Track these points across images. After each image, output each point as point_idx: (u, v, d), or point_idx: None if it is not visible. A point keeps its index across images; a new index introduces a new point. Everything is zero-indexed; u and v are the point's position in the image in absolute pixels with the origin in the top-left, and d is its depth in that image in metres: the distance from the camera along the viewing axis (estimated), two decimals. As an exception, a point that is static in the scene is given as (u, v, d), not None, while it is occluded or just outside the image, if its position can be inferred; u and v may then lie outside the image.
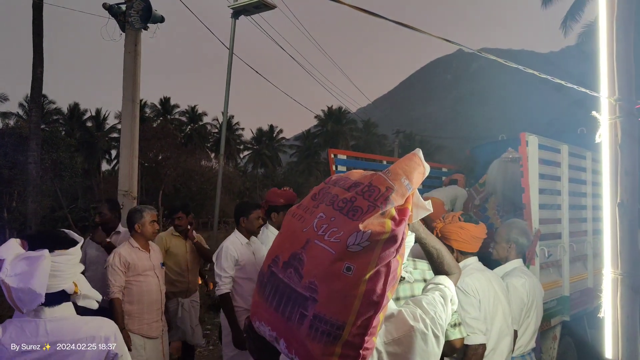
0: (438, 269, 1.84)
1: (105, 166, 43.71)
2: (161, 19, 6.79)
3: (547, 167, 3.99)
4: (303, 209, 1.72)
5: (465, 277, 2.58)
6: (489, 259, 3.10)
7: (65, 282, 1.75)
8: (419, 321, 1.58)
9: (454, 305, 1.77)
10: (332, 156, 4.74)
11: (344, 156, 5.06)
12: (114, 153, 42.86)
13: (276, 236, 1.84)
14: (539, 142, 3.78)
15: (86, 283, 1.85)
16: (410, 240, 1.71)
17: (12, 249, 1.67)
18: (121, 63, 6.59)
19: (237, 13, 9.27)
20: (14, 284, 1.61)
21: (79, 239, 1.85)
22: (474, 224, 2.66)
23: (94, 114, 45.24)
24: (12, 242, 1.70)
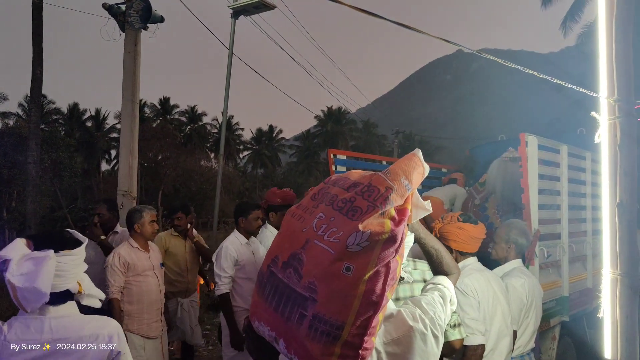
0: (437, 269, 1.84)
1: (104, 166, 43.76)
2: (161, 19, 6.79)
3: (547, 168, 3.99)
4: (302, 209, 1.72)
5: (464, 277, 2.57)
6: (489, 259, 3.10)
7: (70, 281, 1.77)
8: (418, 321, 1.58)
9: (453, 305, 1.77)
10: (332, 156, 4.74)
11: (343, 156, 5.06)
12: (113, 153, 42.84)
13: (275, 236, 1.84)
14: (538, 143, 3.79)
15: (90, 282, 1.87)
16: (409, 241, 1.71)
17: (18, 249, 1.69)
18: (121, 63, 6.59)
19: (237, 13, 9.27)
20: (19, 284, 1.63)
21: (84, 239, 1.87)
22: (473, 225, 2.65)
23: (93, 114, 45.25)
24: (17, 242, 1.72)
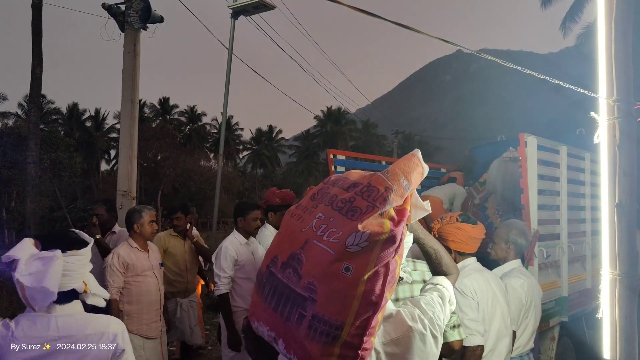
0: (436, 270, 1.84)
1: (104, 166, 43.73)
2: (160, 19, 6.77)
3: (546, 168, 3.99)
4: (302, 209, 1.72)
5: (464, 278, 2.56)
6: (488, 259, 3.10)
7: (76, 281, 1.80)
8: (417, 321, 1.58)
9: (452, 305, 1.77)
10: (331, 156, 4.73)
11: (343, 156, 5.06)
12: (113, 153, 42.82)
13: (275, 236, 1.84)
14: (537, 143, 3.78)
15: (95, 282, 1.90)
16: (408, 241, 1.71)
17: (26, 249, 1.72)
18: (120, 63, 6.58)
19: (237, 13, 9.25)
20: (28, 283, 1.67)
21: (90, 239, 1.90)
22: (472, 225, 2.64)
23: (93, 114, 45.19)
24: (25, 242, 1.75)
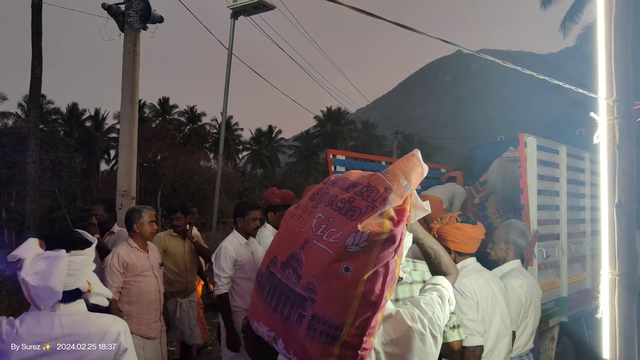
0: (436, 270, 1.84)
1: (104, 166, 43.70)
2: (160, 19, 6.77)
3: (546, 168, 3.99)
4: (301, 209, 1.72)
5: (463, 278, 2.56)
6: (488, 259, 3.10)
7: (80, 281, 1.82)
8: (417, 321, 1.58)
9: (452, 305, 1.77)
10: (331, 157, 4.73)
11: (342, 157, 5.06)
12: (112, 153, 42.81)
13: (274, 236, 1.84)
14: (537, 143, 3.78)
15: (98, 281, 1.92)
16: (408, 241, 1.71)
17: (31, 248, 1.75)
18: (120, 63, 6.58)
19: (236, 13, 9.24)
20: (33, 282, 1.69)
21: (93, 240, 1.92)
22: (471, 225, 2.64)
23: (92, 114, 45.17)
24: (30, 242, 1.77)
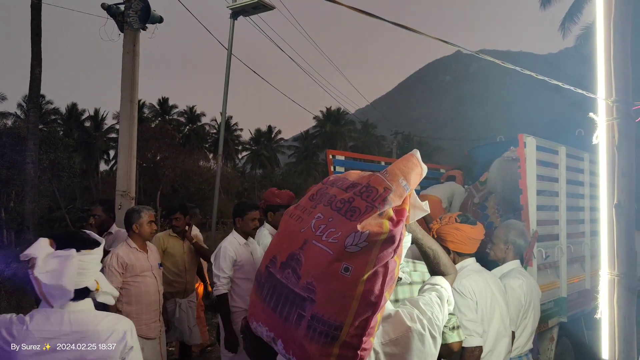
0: (434, 270, 1.84)
1: (103, 166, 43.63)
2: (160, 19, 6.77)
3: (545, 169, 3.99)
4: (301, 209, 1.72)
5: (462, 278, 2.56)
6: (487, 259, 3.10)
7: (89, 279, 1.87)
8: (416, 322, 1.58)
9: (450, 305, 1.77)
10: (331, 157, 4.73)
11: (342, 157, 5.06)
12: (112, 153, 42.77)
13: (274, 236, 1.84)
14: (536, 144, 3.78)
15: (105, 280, 1.97)
16: (407, 241, 1.71)
17: (42, 248, 1.80)
18: (120, 63, 6.58)
19: (236, 14, 9.22)
20: (46, 280, 1.75)
21: (101, 240, 1.98)
22: (470, 225, 2.63)
23: (92, 114, 45.09)
24: (41, 242, 1.83)
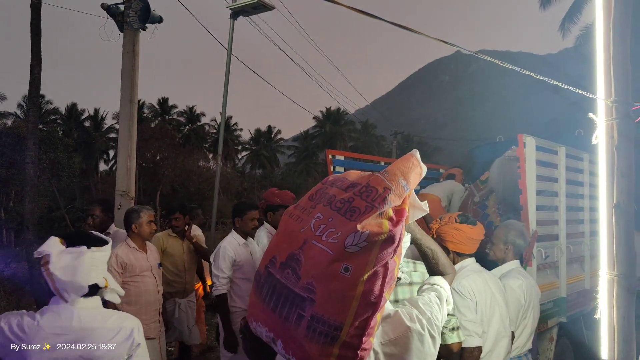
0: (433, 270, 1.85)
1: (103, 166, 43.59)
2: (159, 19, 6.77)
3: (545, 169, 3.99)
4: (300, 209, 1.72)
5: (462, 279, 2.55)
6: (487, 259, 3.09)
7: (99, 276, 1.93)
8: (415, 322, 1.58)
9: (449, 305, 1.77)
10: (330, 157, 4.73)
11: (342, 157, 5.05)
12: (111, 153, 42.74)
13: (273, 237, 1.84)
14: (536, 144, 3.78)
15: (112, 278, 2.03)
16: (406, 241, 1.72)
17: (54, 245, 1.87)
18: (119, 63, 6.57)
19: (236, 14, 9.21)
20: (61, 276, 1.82)
21: (108, 239, 2.04)
22: (470, 226, 2.62)
23: (92, 114, 45.06)
24: (53, 240, 1.89)
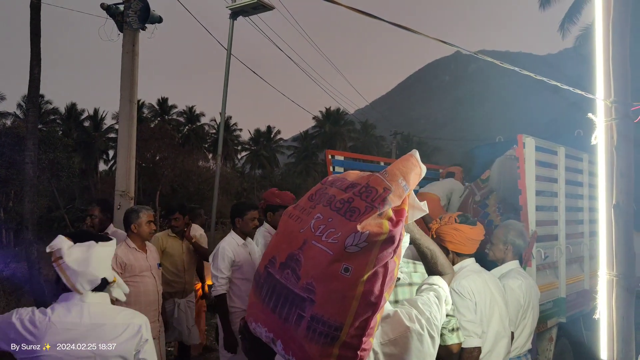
0: (432, 270, 1.85)
1: (102, 166, 43.55)
2: (159, 19, 6.77)
3: (544, 169, 3.99)
4: (299, 209, 1.72)
5: (461, 279, 2.55)
6: (486, 259, 3.09)
7: (107, 271, 2.00)
8: (414, 322, 1.58)
9: (448, 305, 1.78)
10: (330, 157, 4.73)
11: (341, 157, 5.05)
12: (111, 153, 42.72)
13: (272, 237, 1.83)
14: (535, 144, 3.78)
15: (117, 276, 2.09)
16: (405, 241, 1.72)
17: (64, 241, 1.95)
18: (119, 63, 6.58)
19: (235, 14, 9.21)
20: (75, 267, 1.90)
21: (112, 237, 2.11)
22: (470, 226, 2.61)
23: (91, 114, 45.01)
24: (61, 237, 1.97)
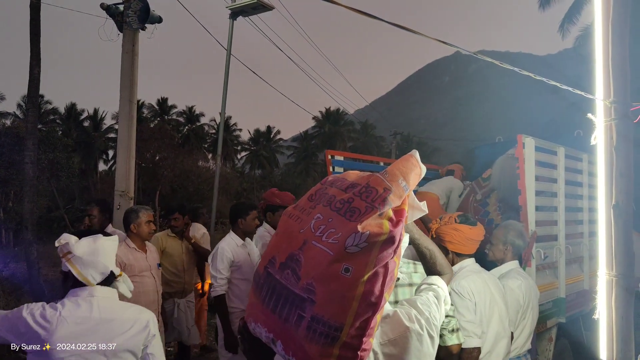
0: (431, 270, 1.85)
1: (102, 166, 43.54)
2: (159, 20, 6.78)
3: (544, 169, 3.99)
4: (299, 209, 1.72)
5: (461, 279, 2.55)
6: (486, 259, 3.09)
7: (113, 264, 2.04)
8: (414, 322, 1.59)
9: (447, 305, 1.78)
10: (330, 157, 4.73)
11: (341, 157, 5.04)
12: (111, 153, 42.72)
13: (272, 237, 1.83)
14: (535, 144, 3.78)
15: (123, 272, 2.12)
16: (405, 241, 1.72)
17: (70, 237, 1.99)
18: (119, 63, 6.58)
19: (235, 14, 9.22)
20: (86, 257, 1.94)
21: (115, 235, 2.14)
22: (469, 226, 2.61)
23: (91, 114, 45.02)
24: (66, 234, 2.02)
